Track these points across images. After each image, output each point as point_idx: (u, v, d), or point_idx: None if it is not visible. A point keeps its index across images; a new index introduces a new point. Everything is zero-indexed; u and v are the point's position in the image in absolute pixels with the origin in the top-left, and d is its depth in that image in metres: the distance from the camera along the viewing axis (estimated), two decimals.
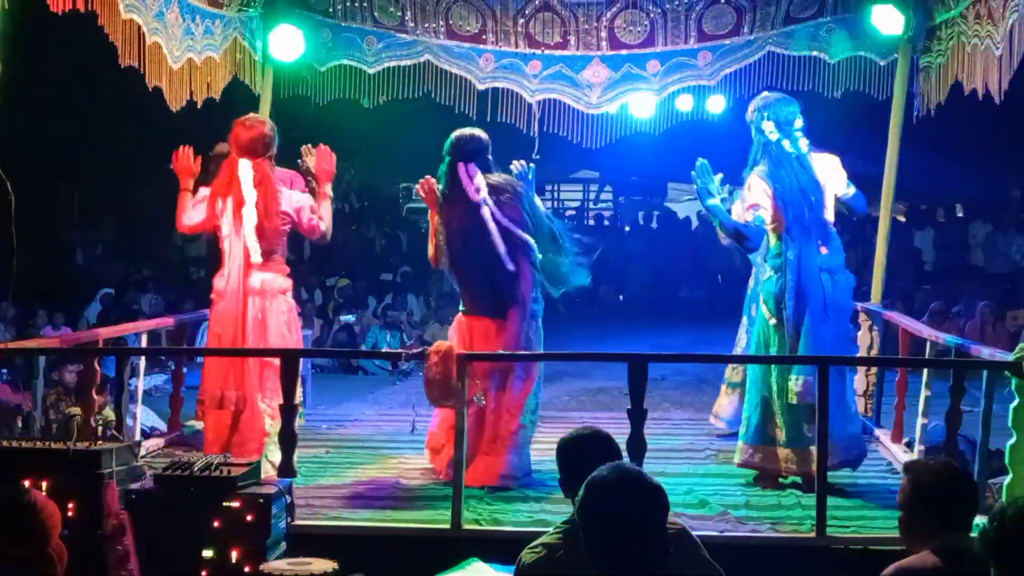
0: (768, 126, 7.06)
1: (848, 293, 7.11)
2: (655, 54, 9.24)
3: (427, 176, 7.29)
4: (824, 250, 6.96)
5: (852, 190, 7.20)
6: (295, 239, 7.93)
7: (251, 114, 7.67)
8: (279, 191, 7.23)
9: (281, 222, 7.22)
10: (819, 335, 6.82)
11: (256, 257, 7.14)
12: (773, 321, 6.97)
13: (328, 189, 7.47)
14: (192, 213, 7.37)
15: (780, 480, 7.06)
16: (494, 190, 7.11)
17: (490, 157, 7.26)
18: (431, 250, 7.37)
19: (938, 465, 3.92)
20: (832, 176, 7.11)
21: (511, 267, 7.05)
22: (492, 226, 7.05)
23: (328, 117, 10.47)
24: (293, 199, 7.30)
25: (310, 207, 7.32)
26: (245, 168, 7.15)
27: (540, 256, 7.13)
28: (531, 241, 7.10)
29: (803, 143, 7.07)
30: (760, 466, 7.09)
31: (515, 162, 7.36)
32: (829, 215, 7.05)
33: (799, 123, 7.10)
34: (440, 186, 7.23)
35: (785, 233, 6.94)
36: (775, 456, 6.99)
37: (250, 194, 7.10)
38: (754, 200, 6.91)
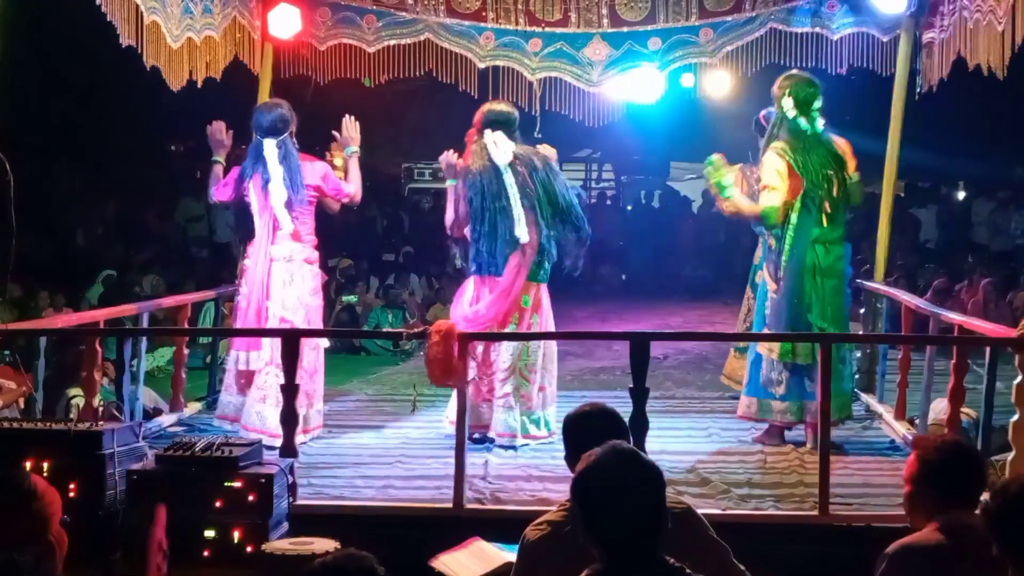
0: (788, 103, 7.28)
1: (841, 261, 7.40)
2: (656, 31, 9.19)
3: (447, 150, 7.68)
4: (825, 222, 7.26)
5: (855, 176, 7.40)
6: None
7: (267, 99, 8.00)
8: (303, 166, 7.59)
9: (308, 195, 7.59)
10: (809, 299, 7.23)
11: (287, 226, 7.52)
12: (773, 287, 7.34)
13: (356, 155, 7.90)
14: (222, 190, 7.76)
15: (783, 435, 7.50)
16: (516, 158, 7.49)
17: (515, 131, 7.62)
18: (450, 217, 7.68)
19: (945, 442, 3.91)
20: (849, 163, 7.37)
21: (523, 235, 7.42)
22: (512, 191, 7.41)
23: (329, 96, 10.43)
24: (316, 170, 7.68)
25: (332, 174, 7.75)
26: (270, 147, 7.49)
27: (547, 229, 7.50)
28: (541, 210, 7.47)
29: (820, 122, 7.29)
30: (757, 418, 7.55)
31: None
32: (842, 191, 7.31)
33: (818, 103, 7.29)
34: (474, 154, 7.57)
35: (794, 205, 7.23)
36: (771, 408, 7.44)
37: (276, 171, 7.45)
38: (767, 180, 7.25)
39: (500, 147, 7.48)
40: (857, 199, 7.52)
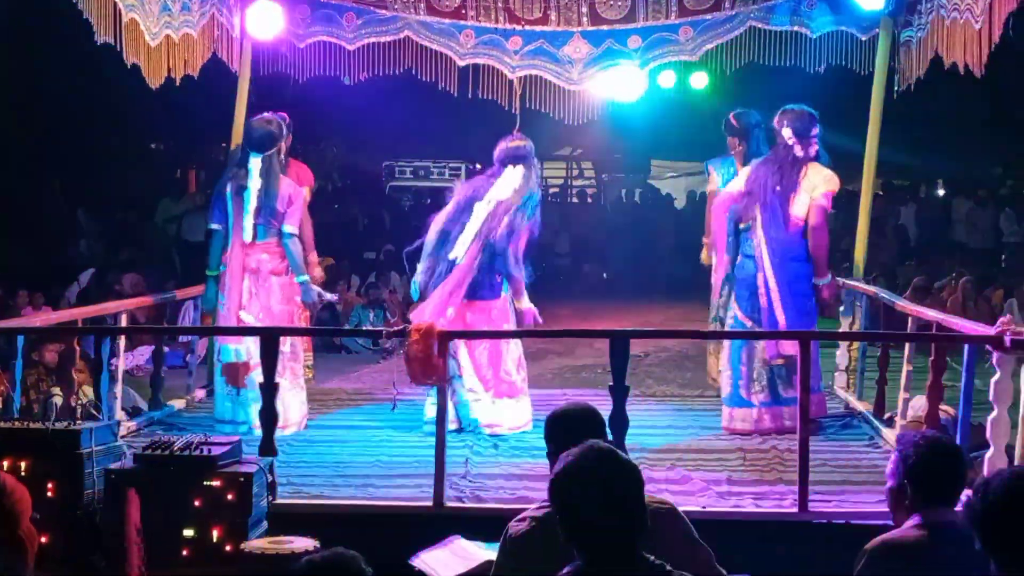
0: (787, 132, 7.78)
1: (800, 279, 7.73)
2: (636, 29, 9.18)
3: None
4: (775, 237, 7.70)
5: (816, 215, 7.69)
6: None
7: (264, 114, 8.11)
8: (281, 182, 7.85)
9: (279, 208, 7.80)
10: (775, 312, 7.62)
11: (247, 237, 7.74)
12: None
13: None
14: (213, 216, 8.01)
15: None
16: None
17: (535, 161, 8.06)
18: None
19: (927, 439, 3.91)
20: (817, 187, 7.70)
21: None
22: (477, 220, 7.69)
23: (309, 95, 10.40)
24: (287, 192, 7.85)
25: (299, 202, 7.95)
26: (255, 160, 7.78)
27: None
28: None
29: (812, 149, 7.78)
30: (737, 430, 7.74)
31: None
32: (795, 210, 7.68)
33: (815, 131, 7.80)
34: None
35: (752, 221, 7.75)
36: (749, 416, 7.73)
37: (255, 183, 7.74)
38: (737, 187, 7.91)
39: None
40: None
